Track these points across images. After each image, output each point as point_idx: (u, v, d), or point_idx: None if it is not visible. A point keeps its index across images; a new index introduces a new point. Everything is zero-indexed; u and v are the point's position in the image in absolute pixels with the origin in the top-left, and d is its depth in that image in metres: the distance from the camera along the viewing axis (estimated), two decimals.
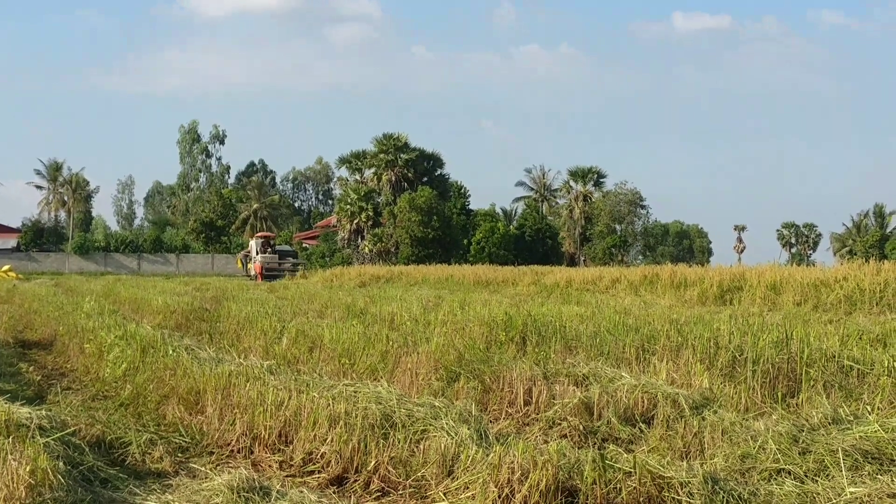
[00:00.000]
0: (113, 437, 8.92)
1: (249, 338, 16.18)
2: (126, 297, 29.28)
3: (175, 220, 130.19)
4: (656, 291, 31.46)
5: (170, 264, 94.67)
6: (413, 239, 75.14)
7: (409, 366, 11.84)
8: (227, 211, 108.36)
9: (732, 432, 8.04)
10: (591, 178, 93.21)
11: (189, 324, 20.14)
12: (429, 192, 77.13)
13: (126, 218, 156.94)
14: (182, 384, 10.79)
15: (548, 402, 9.69)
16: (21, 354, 16.90)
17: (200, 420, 9.77)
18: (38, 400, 11.35)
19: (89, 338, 15.89)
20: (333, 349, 13.69)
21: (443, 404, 8.56)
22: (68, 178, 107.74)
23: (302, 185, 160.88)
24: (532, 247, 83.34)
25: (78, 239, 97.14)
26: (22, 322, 22.90)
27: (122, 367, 12.92)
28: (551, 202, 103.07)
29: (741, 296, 27.72)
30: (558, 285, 36.17)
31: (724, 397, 9.86)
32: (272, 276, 63.90)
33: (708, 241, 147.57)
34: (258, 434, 8.82)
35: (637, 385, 9.49)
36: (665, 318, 15.67)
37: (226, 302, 24.21)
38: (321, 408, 8.51)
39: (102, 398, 11.88)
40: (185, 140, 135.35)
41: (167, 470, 8.21)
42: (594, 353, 12.26)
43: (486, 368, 10.75)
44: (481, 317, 15.46)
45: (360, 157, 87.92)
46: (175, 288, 36.07)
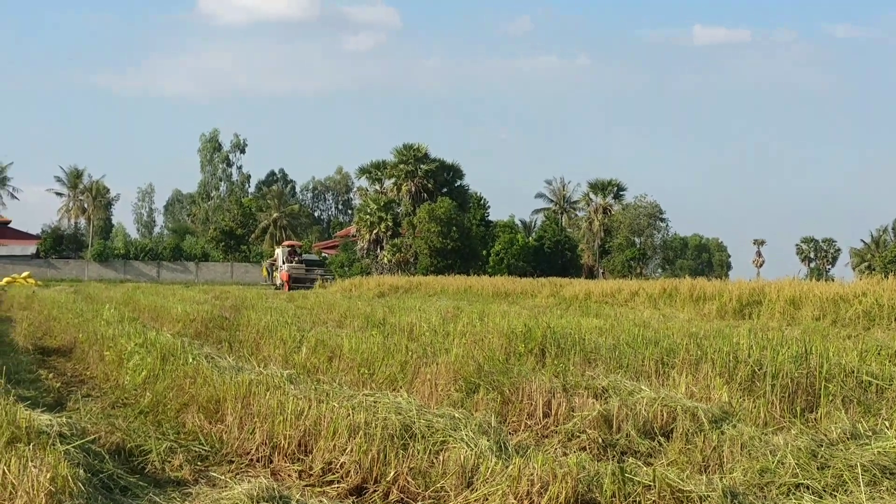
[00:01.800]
0: (133, 444, 8.95)
1: (269, 346, 16.22)
2: (145, 304, 29.37)
3: (195, 228, 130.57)
4: (675, 305, 31.36)
5: (189, 272, 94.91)
6: (432, 249, 75.12)
7: (429, 376, 11.84)
8: (247, 220, 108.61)
9: (751, 446, 8.02)
10: (610, 191, 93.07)
11: (209, 332, 20.18)
12: (448, 203, 77.13)
13: (146, 226, 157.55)
14: (202, 392, 10.81)
15: (567, 414, 9.69)
16: (41, 361, 16.97)
17: (220, 428, 9.79)
18: (58, 407, 11.39)
19: (109, 345, 15.95)
20: (353, 359, 13.72)
21: (462, 415, 8.57)
22: (88, 186, 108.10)
23: (322, 194, 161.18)
24: (551, 259, 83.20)
25: (97, 246, 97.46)
26: (41, 329, 22.99)
27: (142, 375, 12.95)
28: (571, 214, 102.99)
29: (760, 310, 27.62)
30: (577, 297, 36.11)
31: (743, 411, 9.84)
32: (299, 286, 63.09)
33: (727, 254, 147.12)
34: (278, 443, 8.84)
35: (656, 398, 9.48)
36: (684, 331, 15.63)
37: (245, 310, 24.27)
38: (341, 417, 8.53)
39: (122, 406, 11.91)
40: (206, 149, 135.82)
41: (187, 478, 8.23)
42: (613, 365, 12.25)
43: (506, 380, 10.74)
44: (500, 328, 15.45)
45: (379, 167, 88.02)
46: (194, 296, 36.17)
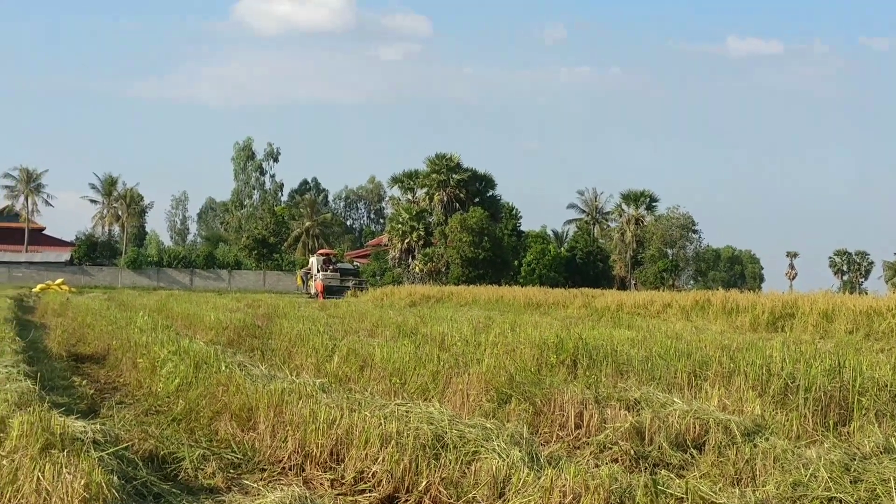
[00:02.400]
0: (166, 451, 9.00)
1: (301, 355, 16.27)
2: (179, 312, 29.53)
3: (228, 236, 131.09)
4: (708, 317, 31.23)
5: (222, 280, 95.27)
6: (464, 259, 75.13)
7: (461, 386, 11.85)
8: (280, 228, 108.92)
9: (784, 460, 7.99)
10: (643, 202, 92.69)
11: (241, 340, 20.27)
12: (480, 213, 77.15)
13: (179, 233, 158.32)
14: (235, 400, 10.86)
15: (599, 425, 9.68)
16: (74, 368, 17.09)
17: (252, 437, 9.84)
18: (92, 413, 11.46)
19: (142, 352, 16.04)
20: (384, 368, 13.74)
21: (494, 426, 8.57)
22: (123, 193, 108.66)
23: (354, 203, 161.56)
24: (583, 269, 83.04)
25: (131, 253, 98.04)
26: (75, 336, 23.15)
27: (175, 383, 13.02)
28: (603, 225, 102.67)
29: (793, 323, 27.48)
30: (609, 309, 36.01)
31: (776, 424, 9.79)
32: (333, 295, 62.68)
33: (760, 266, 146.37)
34: (310, 452, 8.87)
35: (689, 411, 9.45)
36: (717, 343, 15.58)
37: (277, 319, 24.36)
38: (373, 427, 8.55)
39: (155, 413, 11.98)
40: (239, 157, 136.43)
41: (219, 486, 8.27)
42: (646, 377, 12.21)
43: (537, 391, 10.74)
44: (532, 339, 15.44)
45: (412, 176, 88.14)
46: (227, 304, 36.33)
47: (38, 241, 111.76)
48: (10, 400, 9.29)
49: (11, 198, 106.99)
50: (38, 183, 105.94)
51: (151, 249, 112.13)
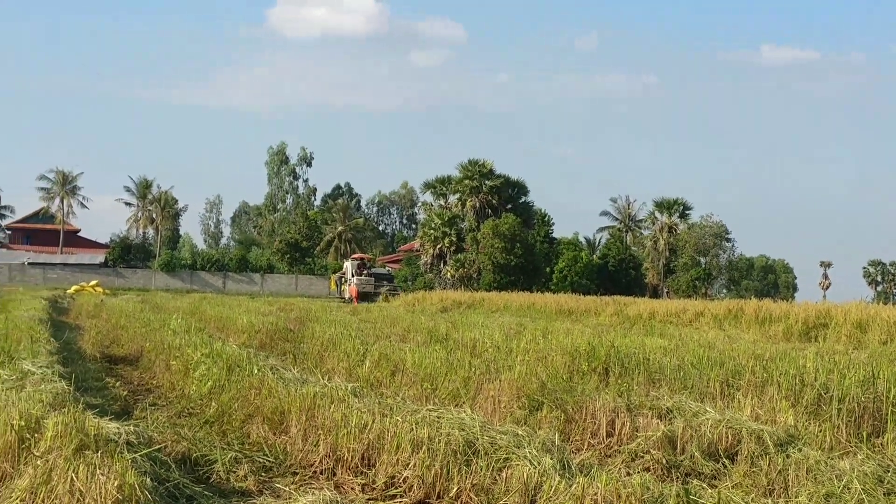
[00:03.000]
0: (198, 454, 9.04)
1: (333, 359, 16.30)
2: (211, 315, 29.65)
3: (261, 240, 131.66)
4: (740, 326, 31.10)
5: (254, 284, 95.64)
6: (495, 266, 75.12)
7: (492, 393, 11.84)
8: (312, 233, 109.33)
9: (817, 471, 7.94)
10: (676, 210, 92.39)
11: (273, 343, 20.32)
12: (512, 220, 77.11)
13: (213, 237, 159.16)
14: (267, 404, 10.90)
15: (631, 434, 9.65)
16: (108, 369, 17.20)
17: (284, 440, 9.87)
18: (125, 415, 11.52)
19: (175, 355, 16.11)
20: (416, 374, 13.74)
21: (526, 433, 8.55)
22: (157, 196, 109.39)
23: (386, 208, 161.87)
24: (615, 277, 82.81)
25: (165, 256, 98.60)
26: (109, 337, 23.30)
27: (208, 385, 13.07)
28: (636, 232, 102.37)
29: (826, 333, 27.33)
30: (641, 317, 35.89)
31: (809, 435, 9.74)
32: (368, 300, 62.38)
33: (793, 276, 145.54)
34: (341, 456, 8.89)
35: (721, 420, 9.41)
36: (749, 353, 15.47)
37: (309, 323, 24.41)
38: (404, 432, 8.55)
39: (188, 415, 12.03)
40: (273, 161, 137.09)
41: (251, 489, 8.30)
42: (678, 386, 12.17)
43: (569, 398, 10.72)
44: (564, 346, 15.40)
45: (444, 182, 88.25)
46: (259, 307, 36.46)
47: (73, 242, 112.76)
48: (44, 400, 9.35)
49: (47, 200, 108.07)
50: (74, 185, 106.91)
51: (185, 252, 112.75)
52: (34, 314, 26.20)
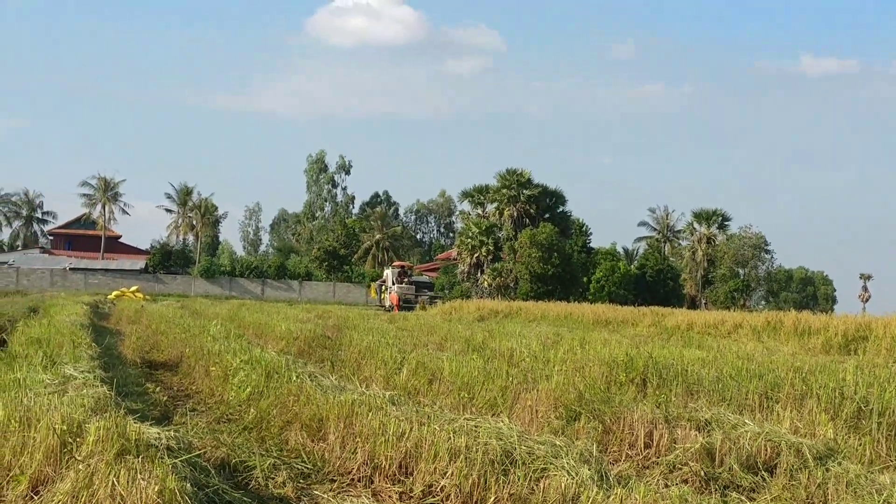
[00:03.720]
0: (237, 460, 9.10)
1: (370, 367, 16.35)
2: (250, 321, 29.81)
3: (299, 247, 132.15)
4: (779, 338, 30.86)
5: (292, 291, 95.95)
6: (533, 275, 74.95)
7: (529, 402, 11.84)
8: (350, 240, 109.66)
9: (857, 485, 7.89)
10: (715, 221, 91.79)
11: (311, 350, 20.40)
12: (550, 229, 76.94)
13: (252, 244, 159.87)
14: (305, 411, 10.95)
15: (669, 445, 9.61)
16: (148, 375, 17.32)
17: (322, 447, 9.90)
18: (165, 420, 11.60)
19: (215, 361, 16.22)
20: (453, 382, 13.76)
21: (563, 443, 8.55)
22: (197, 203, 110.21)
23: (424, 217, 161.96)
24: (653, 288, 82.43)
25: (204, 262, 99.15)
26: (149, 343, 23.46)
27: (247, 391, 13.14)
28: (674, 243, 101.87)
29: (866, 346, 27.06)
30: (679, 328, 35.71)
31: (849, 449, 9.68)
32: (408, 308, 62.18)
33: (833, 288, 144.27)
34: (379, 464, 8.91)
35: (760, 433, 9.36)
36: (788, 365, 15.38)
37: (347, 330, 24.49)
38: (442, 441, 8.57)
39: (227, 421, 12.10)
40: (312, 169, 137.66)
41: (289, 496, 8.34)
42: (716, 398, 12.11)
43: (607, 409, 10.70)
44: (601, 356, 15.37)
45: (482, 191, 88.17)
46: (298, 315, 36.59)
47: (114, 248, 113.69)
48: (86, 405, 9.43)
49: (89, 206, 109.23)
50: (116, 192, 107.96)
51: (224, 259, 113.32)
52: (76, 319, 26.42)
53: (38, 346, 15.87)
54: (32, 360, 13.55)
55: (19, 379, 11.22)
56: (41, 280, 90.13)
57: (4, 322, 23.12)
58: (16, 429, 8.32)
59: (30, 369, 12.37)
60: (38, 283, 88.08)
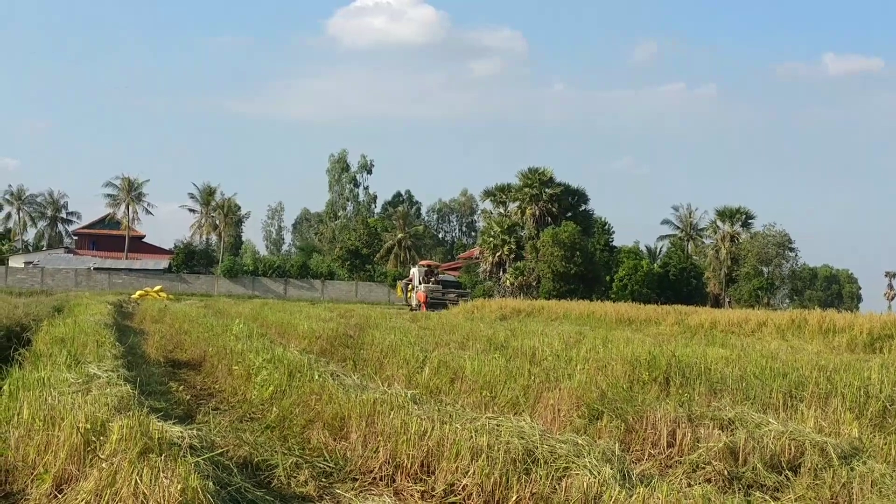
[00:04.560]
0: (259, 458, 9.10)
1: (392, 366, 16.34)
2: (273, 320, 29.88)
3: (321, 246, 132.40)
4: (804, 336, 30.71)
5: (315, 290, 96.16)
6: (555, 274, 74.86)
7: (551, 401, 11.81)
8: (373, 240, 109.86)
9: (882, 484, 7.83)
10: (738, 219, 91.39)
11: (333, 350, 20.43)
12: (572, 228, 76.82)
13: (274, 243, 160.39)
14: (327, 409, 10.95)
15: (692, 444, 9.57)
16: (171, 374, 17.37)
17: (344, 446, 9.91)
18: (188, 419, 11.63)
19: (238, 360, 16.26)
20: (475, 381, 13.73)
21: (585, 442, 8.52)
22: (220, 203, 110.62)
23: (446, 216, 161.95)
24: (676, 286, 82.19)
25: (227, 262, 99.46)
26: (172, 342, 23.54)
27: (269, 390, 13.16)
28: (697, 241, 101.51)
29: (892, 344, 26.91)
30: (702, 326, 35.58)
31: (874, 448, 9.62)
32: (436, 307, 61.57)
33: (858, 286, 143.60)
34: (400, 462, 8.90)
35: (784, 432, 9.30)
36: (813, 364, 15.31)
37: (369, 330, 24.49)
38: (464, 440, 8.55)
39: (249, 420, 12.12)
40: (334, 169, 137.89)
41: (312, 494, 8.35)
42: (740, 397, 12.06)
43: (629, 408, 10.66)
44: (624, 355, 15.33)
45: (504, 190, 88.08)
46: (320, 314, 36.63)
47: (137, 248, 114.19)
48: (110, 404, 9.45)
49: (113, 206, 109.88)
50: (140, 192, 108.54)
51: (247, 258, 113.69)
52: (100, 319, 26.51)
53: (63, 346, 15.92)
54: (56, 360, 13.58)
55: (44, 378, 11.24)
56: (66, 280, 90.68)
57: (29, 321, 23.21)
58: (40, 427, 8.36)
59: (54, 368, 12.40)
60: (63, 283, 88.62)
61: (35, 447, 8.16)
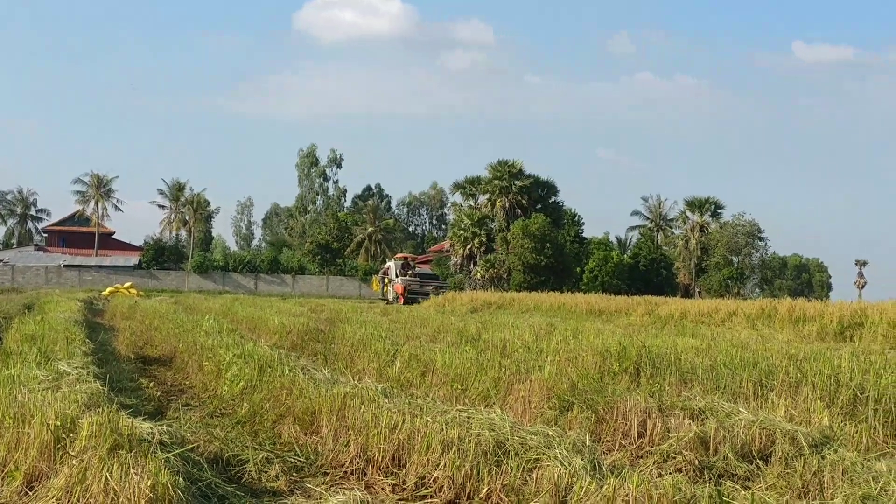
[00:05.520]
0: (230, 454, 9.08)
1: (363, 360, 16.32)
2: (243, 316, 29.79)
3: (292, 241, 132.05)
4: (774, 326, 30.88)
5: (285, 285, 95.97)
6: (525, 266, 74.93)
7: (522, 393, 11.83)
8: (343, 234, 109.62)
9: (853, 472, 7.87)
10: (708, 209, 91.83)
11: (304, 344, 20.39)
12: (542, 220, 76.90)
13: (244, 238, 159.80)
14: (298, 404, 10.94)
15: (662, 434, 9.59)
16: (142, 370, 17.31)
17: (315, 440, 9.90)
18: (158, 415, 11.60)
19: (208, 355, 16.19)
20: (446, 374, 13.73)
21: (556, 433, 8.53)
22: (190, 199, 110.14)
23: (416, 209, 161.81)
24: (646, 277, 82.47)
25: (197, 258, 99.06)
26: (143, 338, 23.44)
27: (240, 386, 13.13)
28: (667, 232, 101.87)
29: (862, 332, 27.09)
30: (672, 316, 35.72)
31: (845, 436, 9.66)
32: (414, 300, 61.36)
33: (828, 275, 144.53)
34: (371, 456, 8.90)
35: (754, 421, 9.34)
36: (783, 353, 15.38)
37: (340, 324, 24.46)
38: (434, 432, 8.55)
39: (220, 415, 12.09)
40: (303, 163, 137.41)
41: (283, 489, 8.33)
42: (710, 386, 12.10)
43: (600, 399, 10.67)
44: (594, 346, 15.36)
45: (474, 182, 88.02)
46: (291, 308, 36.55)
47: (107, 245, 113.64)
48: (80, 401, 9.42)
49: (83, 203, 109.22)
50: (109, 188, 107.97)
51: (217, 254, 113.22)
52: (70, 316, 26.39)
53: (33, 343, 15.84)
54: (27, 357, 13.52)
55: (13, 375, 11.20)
56: (36, 277, 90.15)
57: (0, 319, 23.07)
58: (10, 425, 8.31)
59: (24, 366, 12.35)
60: (34, 281, 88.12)
61: (5, 444, 8.12)
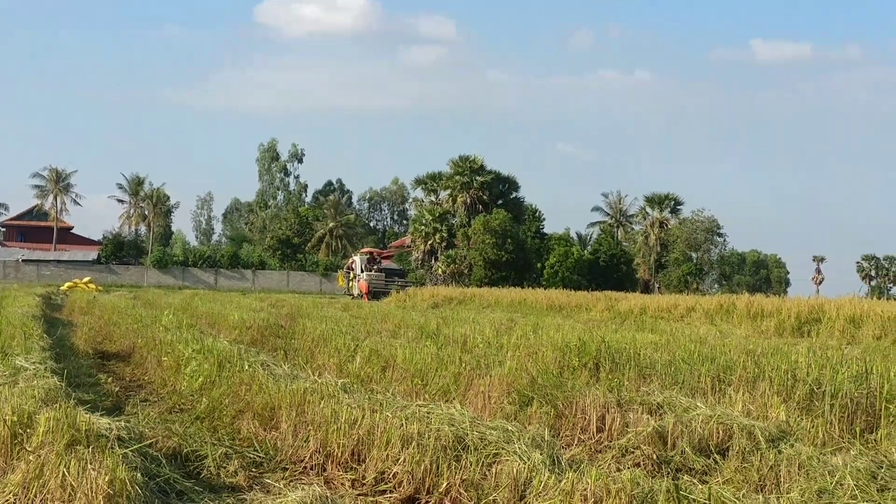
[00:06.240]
0: (189, 449, 9.03)
1: (324, 355, 16.28)
2: (203, 311, 29.64)
3: (252, 236, 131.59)
4: (732, 321, 31.10)
5: (246, 280, 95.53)
6: (486, 261, 75.10)
7: (482, 388, 11.84)
8: (304, 229, 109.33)
9: (809, 467, 7.92)
10: (667, 205, 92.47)
11: (264, 340, 20.32)
12: (503, 215, 77.12)
13: (204, 233, 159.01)
14: (257, 399, 10.90)
15: (621, 429, 9.64)
16: (100, 365, 17.19)
17: (275, 436, 9.87)
18: (117, 411, 11.52)
19: (167, 351, 16.12)
20: (406, 369, 13.74)
21: (515, 428, 8.55)
22: (149, 193, 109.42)
23: (378, 204, 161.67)
24: (606, 272, 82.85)
25: (157, 253, 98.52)
26: (101, 334, 23.26)
27: (199, 381, 13.09)
28: (627, 228, 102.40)
29: (819, 328, 27.34)
30: (632, 312, 35.91)
31: (801, 431, 9.73)
32: (379, 296, 60.53)
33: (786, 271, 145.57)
34: (331, 452, 8.89)
35: (712, 416, 9.39)
36: (741, 348, 15.49)
37: (301, 319, 24.40)
38: (394, 427, 8.55)
39: (179, 411, 12.03)
40: (264, 158, 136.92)
41: (241, 484, 8.31)
42: (669, 381, 12.15)
43: (559, 394, 10.71)
44: (554, 341, 15.40)
45: (435, 178, 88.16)
46: (251, 304, 36.43)
47: (66, 239, 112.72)
48: (37, 396, 9.37)
49: (41, 197, 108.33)
50: (67, 183, 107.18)
51: (177, 249, 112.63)
52: (27, 311, 26.15)
53: None
54: None
55: None
56: None
57: None
58: None
59: None
60: None
61: None
